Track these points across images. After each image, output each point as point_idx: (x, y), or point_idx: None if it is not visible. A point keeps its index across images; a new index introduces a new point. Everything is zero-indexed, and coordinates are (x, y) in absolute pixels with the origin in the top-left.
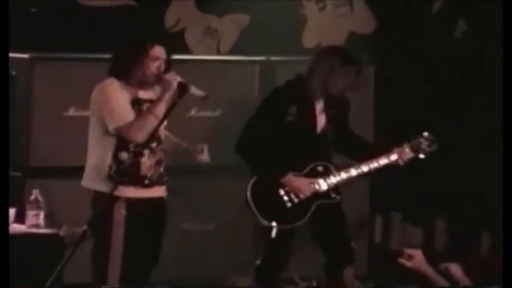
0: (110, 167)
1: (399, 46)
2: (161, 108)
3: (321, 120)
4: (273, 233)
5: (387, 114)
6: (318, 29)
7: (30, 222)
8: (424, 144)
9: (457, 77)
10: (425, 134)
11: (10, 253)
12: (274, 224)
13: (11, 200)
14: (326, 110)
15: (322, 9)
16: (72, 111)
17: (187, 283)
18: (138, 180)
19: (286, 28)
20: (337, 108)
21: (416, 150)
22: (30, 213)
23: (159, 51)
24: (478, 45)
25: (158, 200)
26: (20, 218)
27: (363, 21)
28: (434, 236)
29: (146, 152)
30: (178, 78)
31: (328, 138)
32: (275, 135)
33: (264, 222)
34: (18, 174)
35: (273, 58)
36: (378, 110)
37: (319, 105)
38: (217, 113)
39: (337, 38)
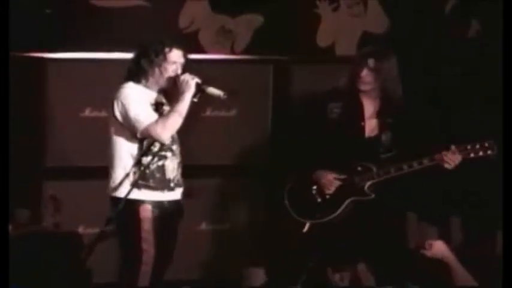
0: (135, 173)
1: (412, 45)
2: (185, 107)
3: (371, 125)
4: (306, 228)
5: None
6: (331, 28)
7: (47, 222)
8: (478, 147)
9: (470, 76)
10: (483, 140)
11: (27, 253)
12: (307, 221)
13: (28, 200)
14: (379, 115)
15: (335, 9)
16: (87, 112)
17: (205, 283)
18: (164, 184)
19: (299, 28)
20: (394, 116)
21: (465, 153)
22: (47, 213)
23: (176, 55)
24: (492, 44)
25: (177, 202)
26: (37, 218)
27: (377, 21)
28: (450, 235)
29: (169, 154)
30: (196, 79)
31: (383, 144)
32: (315, 132)
33: (298, 218)
34: (35, 174)
35: (287, 57)
36: None
37: (370, 109)
38: (232, 112)
39: (350, 37)
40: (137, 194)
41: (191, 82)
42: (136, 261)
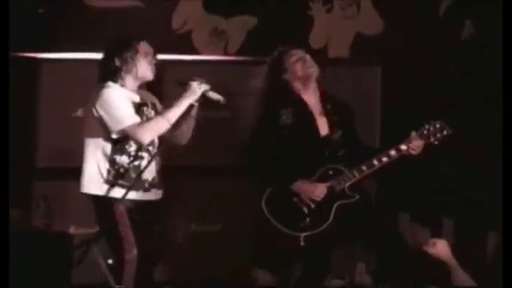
0: (109, 171)
1: (406, 47)
2: (175, 114)
3: (322, 123)
4: (301, 242)
5: (394, 115)
6: (325, 30)
7: (38, 223)
8: (432, 130)
9: (465, 78)
10: (433, 122)
11: (17, 253)
12: (300, 233)
13: (18, 200)
14: (326, 114)
15: (329, 10)
16: (79, 112)
17: (196, 283)
18: (139, 184)
19: (293, 29)
20: (340, 113)
21: (425, 137)
22: (38, 214)
23: (145, 46)
24: (485, 46)
25: (155, 203)
26: (28, 218)
27: (370, 23)
28: (442, 236)
29: (145, 155)
30: (203, 87)
31: (336, 143)
32: (273, 140)
33: (291, 233)
34: (26, 174)
35: None
36: (385, 112)
37: (316, 108)
38: (224, 113)
39: (344, 39)
40: (111, 193)
41: (198, 91)
42: (120, 261)
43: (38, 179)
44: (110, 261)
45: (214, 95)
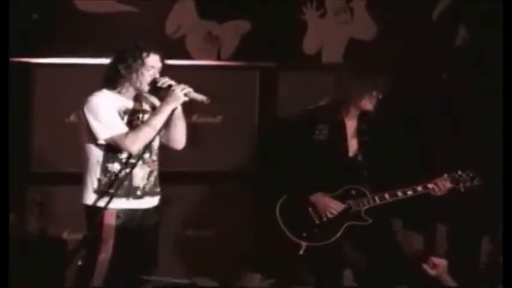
0: (99, 180)
1: (399, 52)
2: (160, 120)
3: (353, 144)
4: (301, 251)
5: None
6: (318, 35)
7: (32, 228)
8: (464, 177)
9: (458, 83)
10: (467, 171)
11: (12, 258)
12: (303, 242)
13: (12, 205)
14: (359, 134)
15: (322, 15)
16: (73, 117)
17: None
18: (130, 192)
19: (286, 34)
20: (371, 135)
21: (455, 183)
22: (33, 219)
23: (154, 60)
24: (479, 51)
25: (149, 211)
26: (22, 223)
27: (363, 28)
28: (435, 242)
29: (139, 163)
30: (186, 90)
31: (360, 164)
32: (304, 152)
33: (294, 239)
34: (20, 180)
35: (274, 64)
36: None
37: (351, 128)
38: (218, 119)
39: (337, 44)
40: (103, 201)
41: (181, 97)
42: (93, 262)
43: (32, 184)
44: (80, 263)
45: (198, 96)
